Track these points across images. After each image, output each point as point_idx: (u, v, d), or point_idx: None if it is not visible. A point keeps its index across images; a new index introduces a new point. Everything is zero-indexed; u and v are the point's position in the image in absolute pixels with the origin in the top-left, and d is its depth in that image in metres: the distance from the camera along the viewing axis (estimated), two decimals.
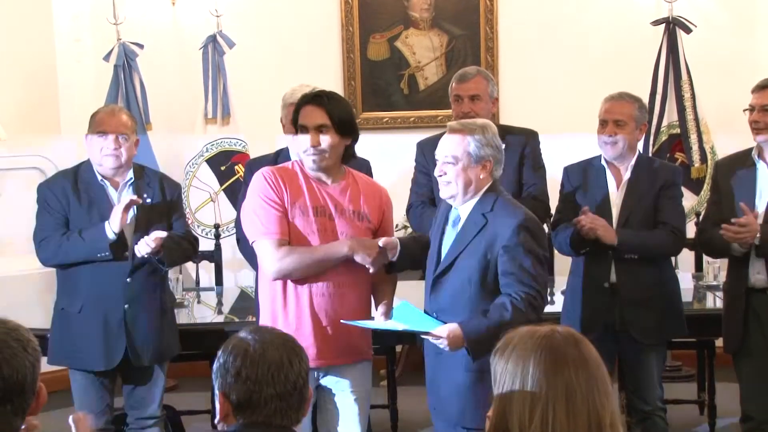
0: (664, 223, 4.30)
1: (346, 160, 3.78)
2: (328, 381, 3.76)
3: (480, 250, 3.53)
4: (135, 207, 4.28)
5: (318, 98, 3.69)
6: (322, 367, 3.70)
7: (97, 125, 4.27)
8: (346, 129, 3.68)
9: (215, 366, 2.27)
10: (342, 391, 3.77)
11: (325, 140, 3.64)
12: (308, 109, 3.68)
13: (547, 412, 1.92)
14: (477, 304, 3.52)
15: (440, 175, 3.59)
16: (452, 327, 3.45)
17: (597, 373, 1.96)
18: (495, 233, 3.51)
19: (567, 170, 4.56)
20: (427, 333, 3.51)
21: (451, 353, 3.49)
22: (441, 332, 3.46)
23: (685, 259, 5.77)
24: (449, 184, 3.58)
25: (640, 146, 4.64)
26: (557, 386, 1.93)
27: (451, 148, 3.57)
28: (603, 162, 4.41)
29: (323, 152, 3.65)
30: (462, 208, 3.62)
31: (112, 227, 4.14)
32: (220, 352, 2.28)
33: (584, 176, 4.46)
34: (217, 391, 2.26)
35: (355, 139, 3.75)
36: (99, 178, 4.29)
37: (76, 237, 4.18)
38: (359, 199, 3.75)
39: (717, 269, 5.28)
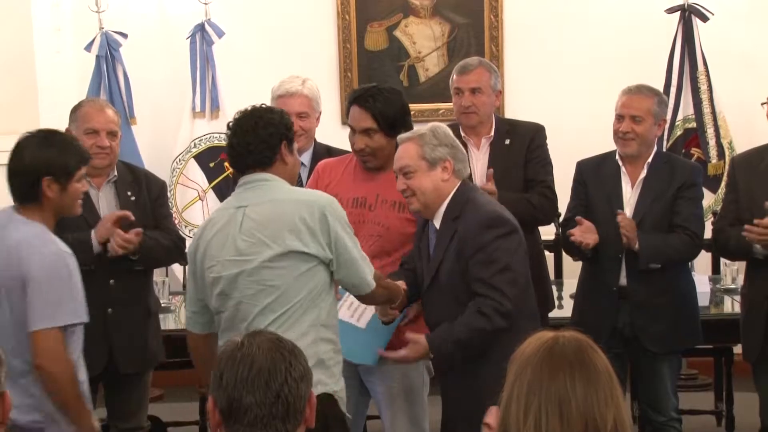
0: (680, 227, 4.29)
1: None
2: (362, 369, 3.91)
3: (454, 261, 3.57)
4: (117, 207, 4.28)
5: (362, 99, 3.81)
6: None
7: (86, 122, 4.26)
8: (395, 127, 3.81)
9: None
10: (371, 383, 3.93)
11: (373, 143, 3.82)
12: (354, 110, 3.84)
13: (540, 417, 1.98)
14: (454, 309, 3.55)
15: (403, 190, 3.62)
16: (417, 341, 3.57)
17: (597, 380, 2.00)
18: (462, 238, 3.55)
19: (580, 165, 4.56)
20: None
21: None
22: (402, 353, 3.61)
23: (702, 261, 5.77)
24: (413, 196, 3.60)
25: None
26: (550, 392, 1.98)
27: (404, 159, 3.61)
28: (618, 158, 4.41)
29: (371, 155, 3.85)
30: (435, 219, 3.64)
31: (98, 238, 4.14)
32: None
33: (598, 173, 4.46)
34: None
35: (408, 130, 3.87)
36: None
37: None
38: None
39: (735, 272, 5.28)
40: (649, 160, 4.38)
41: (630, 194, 4.38)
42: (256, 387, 2.15)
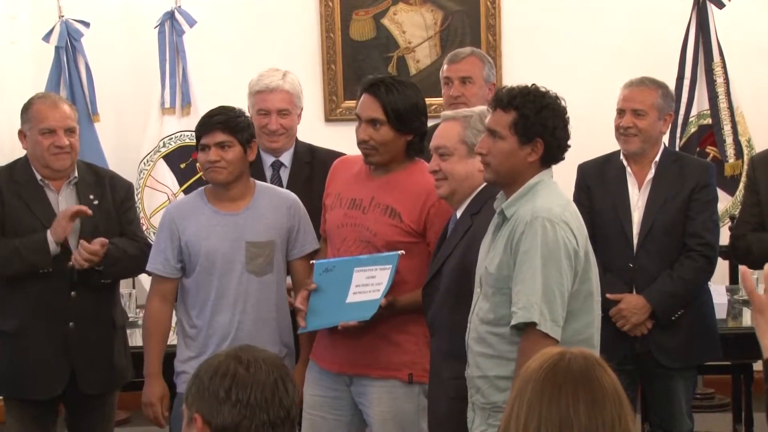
0: (694, 237, 4.32)
1: (415, 153, 3.92)
2: (354, 391, 3.93)
3: (459, 259, 3.54)
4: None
5: (374, 87, 3.82)
6: (345, 373, 3.90)
7: (39, 121, 4.25)
8: (405, 124, 3.82)
9: (193, 388, 2.29)
10: (363, 405, 3.92)
11: (377, 136, 3.82)
12: (365, 98, 3.85)
13: None
14: (453, 316, 3.51)
15: (434, 171, 3.63)
16: None
17: (604, 401, 2.02)
18: (474, 236, 3.50)
19: (582, 168, 4.59)
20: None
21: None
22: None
23: (718, 271, 5.75)
24: (444, 180, 3.61)
25: (665, 139, 4.67)
26: (551, 413, 2.00)
27: (444, 138, 3.62)
28: (622, 158, 4.44)
29: (374, 149, 3.83)
30: (458, 210, 3.64)
31: (54, 238, 4.15)
32: (200, 373, 2.31)
33: (601, 175, 4.49)
34: (192, 415, 2.27)
35: (420, 133, 3.87)
36: (38, 177, 4.30)
37: (12, 248, 4.18)
38: (399, 195, 3.85)
39: (755, 281, 5.28)
40: (657, 158, 4.41)
41: (637, 197, 4.41)
42: (270, 405, 2.24)
